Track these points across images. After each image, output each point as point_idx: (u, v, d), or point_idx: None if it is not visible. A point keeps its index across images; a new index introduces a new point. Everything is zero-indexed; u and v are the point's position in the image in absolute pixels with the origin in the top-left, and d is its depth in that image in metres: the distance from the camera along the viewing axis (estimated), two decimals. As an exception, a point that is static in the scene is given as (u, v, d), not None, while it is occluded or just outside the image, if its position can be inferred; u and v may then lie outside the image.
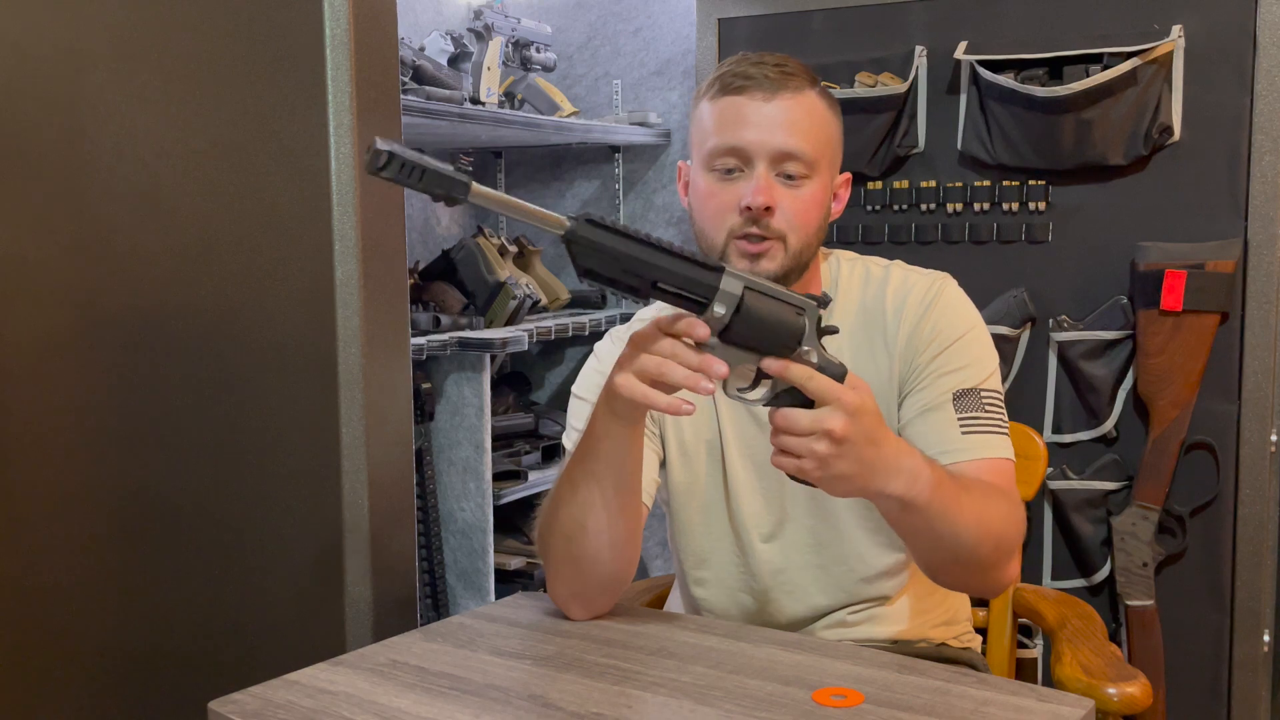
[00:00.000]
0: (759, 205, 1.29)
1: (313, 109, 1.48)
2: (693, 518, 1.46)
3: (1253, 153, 2.11)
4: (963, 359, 1.37)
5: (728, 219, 1.31)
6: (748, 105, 1.31)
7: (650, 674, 1.16)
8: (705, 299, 1.09)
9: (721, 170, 1.32)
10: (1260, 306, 2.12)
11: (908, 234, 2.39)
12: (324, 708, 1.09)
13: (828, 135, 1.35)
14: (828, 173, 1.35)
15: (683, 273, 1.09)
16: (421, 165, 0.99)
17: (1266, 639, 2.17)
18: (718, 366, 1.09)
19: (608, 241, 1.07)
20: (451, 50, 2.66)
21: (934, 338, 1.37)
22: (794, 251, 1.31)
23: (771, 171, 1.31)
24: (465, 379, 2.61)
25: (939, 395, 1.35)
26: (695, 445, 1.44)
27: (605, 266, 1.08)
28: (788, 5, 2.48)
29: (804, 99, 1.32)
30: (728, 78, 1.33)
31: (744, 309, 1.10)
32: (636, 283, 1.08)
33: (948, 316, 1.38)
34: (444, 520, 2.68)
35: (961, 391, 1.36)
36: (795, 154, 1.30)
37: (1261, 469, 2.14)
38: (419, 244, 3.08)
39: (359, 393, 1.52)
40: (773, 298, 1.12)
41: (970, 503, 1.23)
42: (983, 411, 1.36)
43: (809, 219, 1.32)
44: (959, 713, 1.06)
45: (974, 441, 1.33)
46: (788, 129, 1.30)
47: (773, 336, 1.12)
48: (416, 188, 1.00)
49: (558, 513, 1.30)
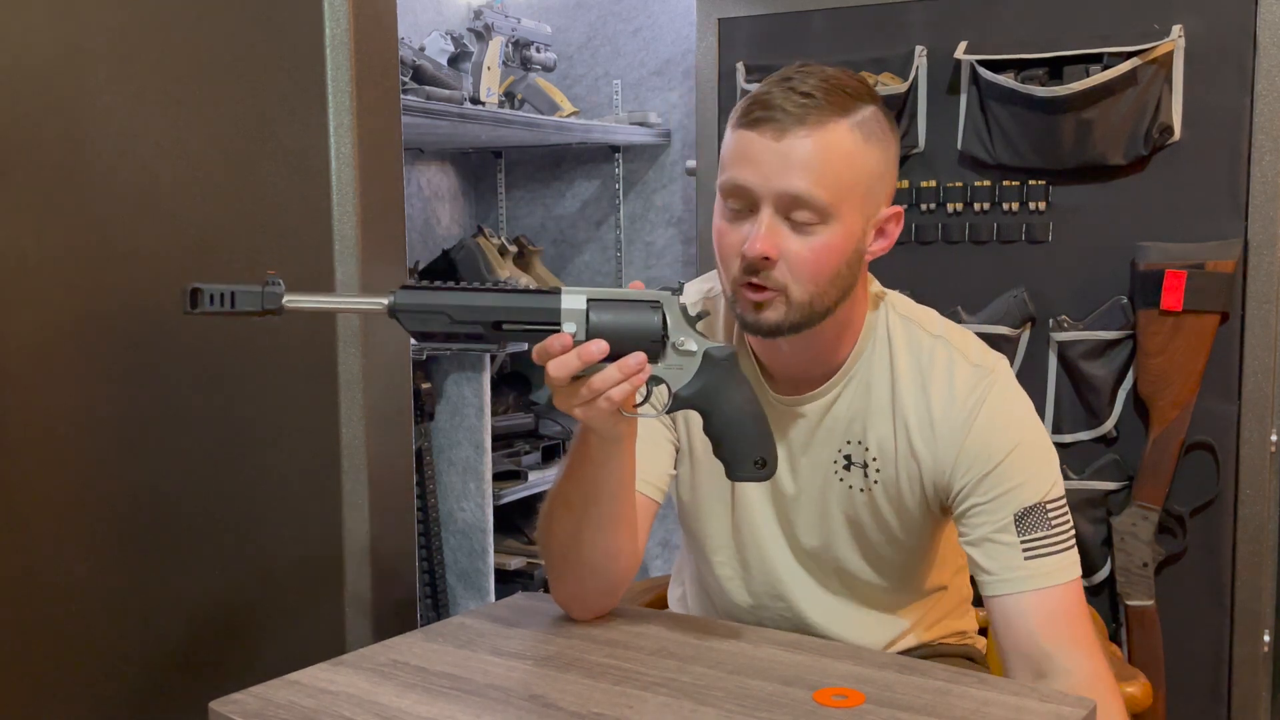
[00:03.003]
0: (755, 255, 1.19)
1: (313, 109, 1.48)
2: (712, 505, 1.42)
3: (1253, 153, 2.11)
4: (1020, 474, 1.27)
5: (734, 263, 1.23)
6: (758, 142, 1.20)
7: (651, 674, 1.16)
8: (554, 323, 1.10)
9: (732, 208, 1.23)
10: (1260, 306, 2.12)
11: (908, 234, 2.39)
12: (325, 708, 1.09)
13: (855, 174, 1.21)
14: (854, 215, 1.22)
15: (520, 305, 1.10)
16: (230, 291, 1.04)
17: (1266, 639, 2.17)
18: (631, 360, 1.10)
19: (431, 300, 1.09)
20: (451, 50, 2.66)
21: (981, 452, 1.27)
22: (799, 304, 1.22)
23: (779, 216, 1.20)
24: (465, 379, 2.61)
25: (1000, 519, 1.26)
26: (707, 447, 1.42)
27: (437, 325, 1.09)
28: (788, 5, 2.48)
29: (824, 135, 1.19)
30: (752, 104, 1.22)
31: (594, 321, 1.11)
32: (479, 330, 1.10)
33: (996, 428, 1.28)
34: (444, 520, 2.68)
35: (1024, 511, 1.26)
36: (803, 199, 1.18)
37: (1261, 469, 2.14)
38: (419, 244, 3.08)
39: (359, 393, 1.52)
40: (621, 300, 1.12)
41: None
42: (1049, 529, 1.26)
43: (820, 270, 1.21)
44: (960, 713, 1.06)
45: (1037, 568, 1.25)
46: (799, 171, 1.18)
47: (634, 339, 1.12)
48: (234, 314, 1.05)
49: (552, 526, 1.30)
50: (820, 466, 1.35)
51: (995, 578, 1.26)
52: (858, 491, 1.34)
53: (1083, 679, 1.21)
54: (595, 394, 1.11)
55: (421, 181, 3.14)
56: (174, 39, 1.41)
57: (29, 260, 1.29)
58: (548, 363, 1.10)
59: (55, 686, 1.34)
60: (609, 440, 1.19)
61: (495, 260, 2.81)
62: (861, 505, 1.34)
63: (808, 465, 1.36)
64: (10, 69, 1.26)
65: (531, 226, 3.31)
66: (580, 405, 1.12)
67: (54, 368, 1.32)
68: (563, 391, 1.13)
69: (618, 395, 1.11)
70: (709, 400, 1.16)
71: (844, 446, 1.34)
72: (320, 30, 1.47)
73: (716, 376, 1.15)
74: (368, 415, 1.52)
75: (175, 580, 1.45)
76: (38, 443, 1.31)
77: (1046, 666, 1.22)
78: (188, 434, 1.45)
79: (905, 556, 1.37)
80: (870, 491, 1.33)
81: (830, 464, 1.34)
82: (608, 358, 1.10)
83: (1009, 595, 1.25)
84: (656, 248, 3.15)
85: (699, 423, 1.39)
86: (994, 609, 1.27)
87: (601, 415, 1.13)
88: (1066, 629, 1.24)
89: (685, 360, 1.15)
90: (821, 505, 1.36)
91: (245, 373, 1.48)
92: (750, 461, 1.17)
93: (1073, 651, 1.23)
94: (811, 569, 1.39)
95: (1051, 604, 1.24)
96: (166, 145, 1.40)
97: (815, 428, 1.34)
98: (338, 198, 1.49)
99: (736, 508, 1.40)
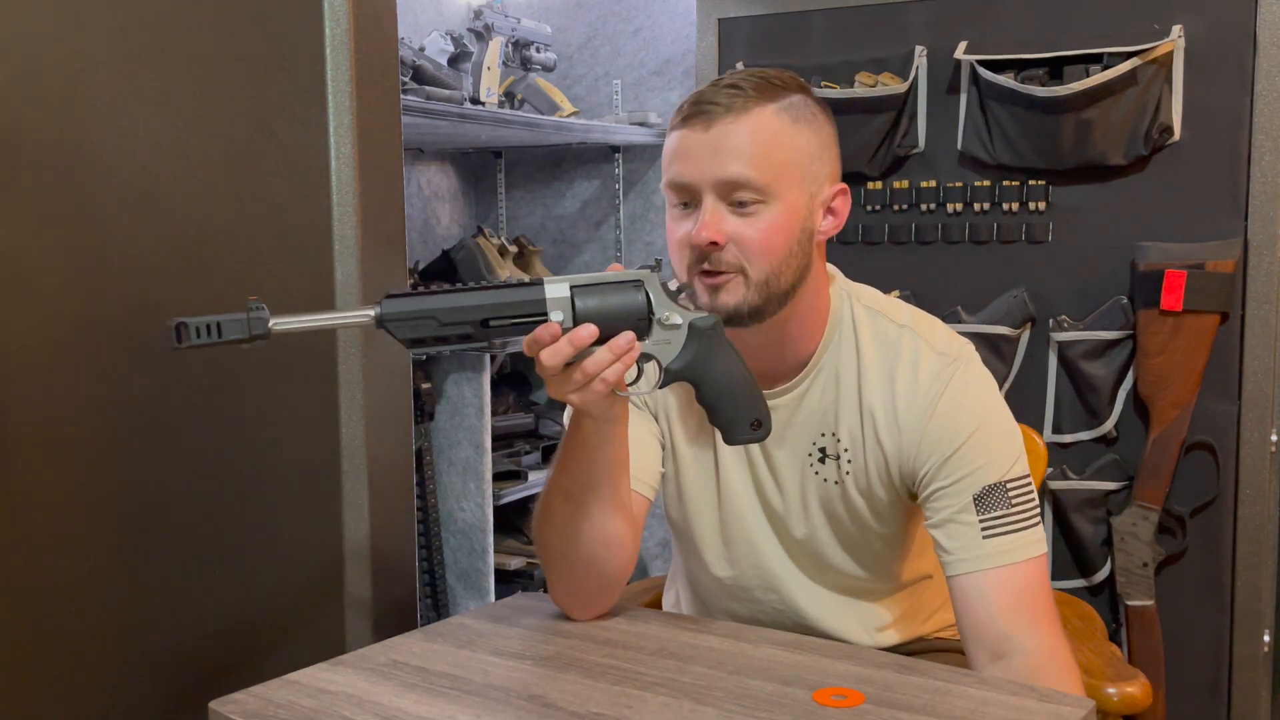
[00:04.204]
0: (702, 241, 1.23)
1: (313, 109, 1.48)
2: (687, 505, 1.43)
3: (1253, 153, 2.11)
4: (979, 457, 1.29)
5: (686, 255, 1.27)
6: (689, 136, 1.25)
7: (650, 674, 1.16)
8: (541, 313, 1.12)
9: (677, 206, 1.28)
10: (1260, 306, 2.12)
11: (908, 234, 2.39)
12: (324, 708, 1.09)
13: (786, 154, 1.25)
14: (794, 194, 1.26)
15: (506, 300, 1.12)
16: (216, 322, 1.04)
17: (1266, 639, 2.17)
18: (620, 340, 1.13)
19: (416, 306, 1.10)
20: (451, 50, 2.66)
21: (942, 437, 1.29)
22: (758, 282, 1.25)
23: (722, 202, 1.24)
24: (465, 379, 2.61)
25: (959, 501, 1.28)
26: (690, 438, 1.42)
27: (426, 330, 1.10)
28: (788, 5, 2.48)
29: (749, 120, 1.24)
30: (685, 106, 1.27)
31: (580, 307, 1.13)
32: (467, 330, 1.11)
33: (957, 414, 1.30)
34: (444, 520, 2.68)
35: (983, 491, 1.28)
36: (739, 181, 1.23)
37: (1261, 469, 2.14)
38: (419, 244, 3.08)
39: (359, 393, 1.52)
40: (603, 284, 1.14)
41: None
42: (1009, 507, 1.28)
43: (770, 248, 1.25)
44: (959, 713, 1.06)
45: (995, 547, 1.26)
46: (729, 155, 1.23)
47: (621, 319, 1.14)
48: (221, 343, 1.05)
49: (549, 521, 1.30)
50: (797, 460, 1.37)
51: (954, 557, 1.28)
52: (832, 484, 1.36)
53: (1041, 661, 1.23)
54: (589, 378, 1.13)
55: (421, 181, 3.14)
56: (174, 39, 1.41)
57: (29, 260, 1.29)
58: (539, 353, 1.12)
59: (55, 686, 1.34)
60: (604, 422, 1.21)
61: (495, 260, 2.81)
62: (836, 497, 1.36)
63: (784, 459, 1.37)
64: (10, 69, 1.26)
65: (531, 226, 3.31)
66: (575, 391, 1.14)
67: (54, 368, 1.32)
68: (556, 379, 1.15)
69: (611, 376, 1.13)
70: (699, 370, 1.18)
71: (818, 439, 1.36)
72: (320, 30, 1.47)
73: (704, 346, 1.18)
74: (368, 415, 1.52)
75: (175, 580, 1.45)
76: (38, 443, 1.31)
77: (1005, 648, 1.24)
78: (188, 434, 1.45)
79: (882, 546, 1.39)
80: (843, 483, 1.35)
81: (805, 457, 1.36)
82: (597, 341, 1.12)
83: (967, 575, 1.27)
84: (656, 248, 3.15)
85: (681, 420, 1.40)
86: (955, 590, 1.29)
87: (597, 398, 1.15)
88: (1028, 608, 1.26)
89: (672, 334, 1.17)
90: (802, 499, 1.38)
91: (245, 373, 1.48)
92: (746, 424, 1.20)
93: (1031, 632, 1.24)
94: (801, 562, 1.41)
95: (1011, 582, 1.26)
96: (166, 145, 1.40)
97: (788, 422, 1.36)
98: (338, 198, 1.49)
99: (724, 505, 1.40)
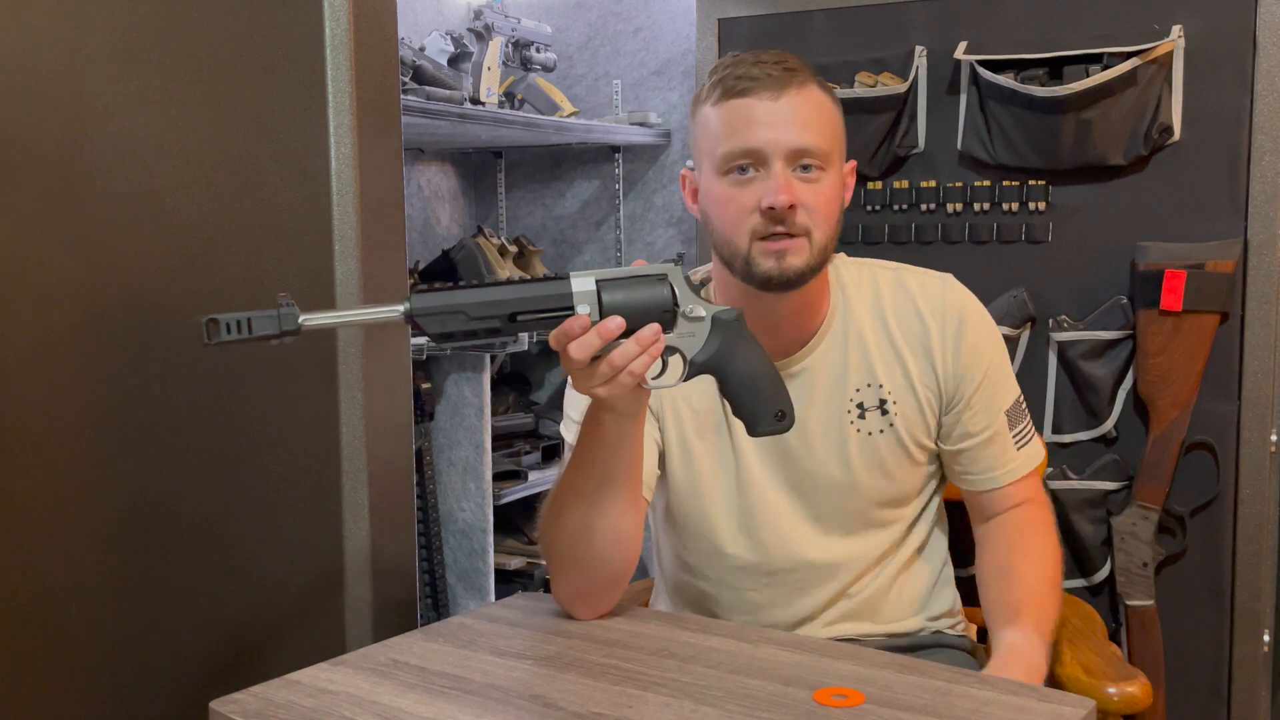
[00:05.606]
0: (782, 204, 1.28)
1: (313, 109, 1.48)
2: (701, 499, 1.43)
3: (1253, 153, 2.11)
4: (1004, 376, 1.42)
5: (748, 221, 1.30)
6: (756, 105, 1.30)
7: (651, 674, 1.16)
8: (567, 308, 1.12)
9: (737, 173, 1.31)
10: (1260, 306, 2.12)
11: (908, 234, 2.39)
12: (325, 707, 1.09)
13: (835, 127, 1.35)
14: (839, 164, 1.35)
15: (534, 294, 1.12)
16: (247, 318, 1.04)
17: (1266, 639, 2.17)
18: (646, 332, 1.14)
19: (445, 301, 1.10)
20: (451, 50, 2.66)
21: (978, 360, 1.40)
22: (819, 246, 1.31)
23: (788, 169, 1.30)
24: (465, 379, 2.61)
25: (995, 420, 1.40)
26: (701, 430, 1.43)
27: (456, 324, 1.11)
28: (788, 5, 2.48)
29: (810, 93, 1.32)
30: (730, 80, 1.32)
31: (607, 301, 1.13)
32: (495, 324, 1.12)
33: (983, 334, 1.42)
34: (444, 520, 2.68)
35: (1013, 405, 1.42)
36: (810, 149, 1.30)
37: (1261, 469, 2.14)
38: (419, 244, 3.08)
39: (359, 393, 1.52)
40: (629, 278, 1.15)
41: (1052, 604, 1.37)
42: (1023, 417, 1.44)
43: (830, 211, 1.32)
44: (960, 713, 1.06)
45: (1024, 456, 1.42)
46: (801, 125, 1.30)
47: (647, 313, 1.14)
48: (251, 339, 1.05)
49: (561, 517, 1.30)
50: (833, 421, 1.39)
51: (991, 474, 1.41)
52: (878, 434, 1.39)
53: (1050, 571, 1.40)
54: (616, 370, 1.14)
55: (421, 181, 3.14)
56: (174, 39, 1.41)
57: (29, 260, 1.29)
58: (568, 345, 1.13)
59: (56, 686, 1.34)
60: (626, 417, 1.22)
61: (495, 260, 2.81)
62: (883, 444, 1.40)
63: (815, 422, 1.39)
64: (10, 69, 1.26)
65: (531, 226, 3.31)
66: (602, 384, 1.15)
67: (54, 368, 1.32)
68: (583, 373, 1.15)
69: (638, 368, 1.14)
70: (723, 362, 1.19)
71: (854, 395, 1.39)
72: (320, 30, 1.47)
73: (727, 338, 1.19)
74: (368, 416, 1.52)
75: (175, 580, 1.45)
76: (38, 443, 1.31)
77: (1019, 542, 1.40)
78: (188, 434, 1.45)
79: (918, 478, 1.45)
80: (892, 430, 1.40)
81: (843, 415, 1.39)
82: (623, 334, 1.13)
83: (999, 489, 1.41)
84: (656, 248, 3.15)
85: (690, 413, 1.40)
86: (984, 503, 1.43)
87: (623, 390, 1.16)
88: (1038, 510, 1.43)
89: (696, 327, 1.18)
90: (840, 457, 1.39)
91: (245, 373, 1.48)
92: (771, 415, 1.21)
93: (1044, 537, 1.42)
94: (827, 525, 1.42)
95: (1031, 487, 1.43)
96: (166, 145, 1.40)
97: (813, 386, 1.39)
98: (338, 198, 1.49)
99: (743, 489, 1.41)
